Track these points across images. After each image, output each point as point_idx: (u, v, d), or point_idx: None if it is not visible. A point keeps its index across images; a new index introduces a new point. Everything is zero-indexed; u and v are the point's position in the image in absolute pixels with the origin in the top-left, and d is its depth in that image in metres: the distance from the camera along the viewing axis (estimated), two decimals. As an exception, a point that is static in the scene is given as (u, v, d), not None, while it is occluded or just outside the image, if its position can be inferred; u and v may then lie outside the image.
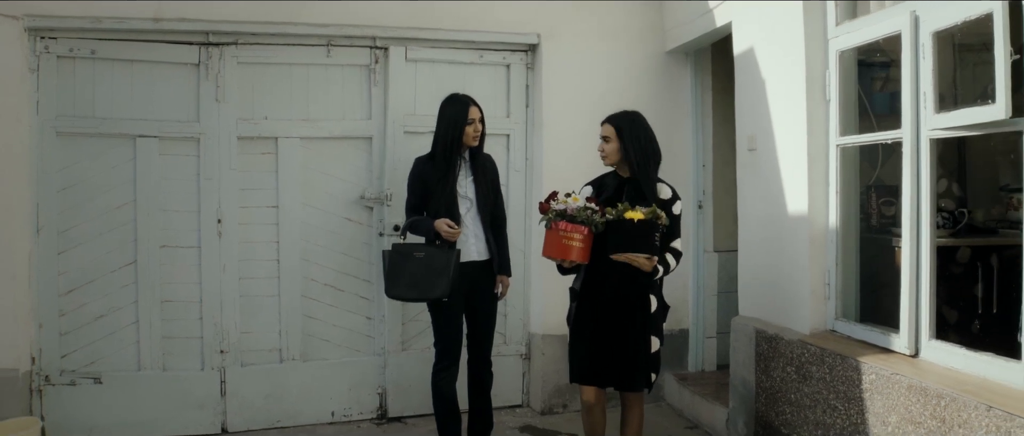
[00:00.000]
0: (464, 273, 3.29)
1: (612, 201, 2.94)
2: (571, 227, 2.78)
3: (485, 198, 3.37)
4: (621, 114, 3.06)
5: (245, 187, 3.97)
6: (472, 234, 3.36)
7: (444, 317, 3.34)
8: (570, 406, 4.29)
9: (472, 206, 3.36)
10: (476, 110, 3.32)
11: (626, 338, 2.94)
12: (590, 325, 3.00)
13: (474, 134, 3.31)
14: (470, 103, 3.32)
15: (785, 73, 3.28)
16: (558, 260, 2.90)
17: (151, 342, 3.87)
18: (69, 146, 3.77)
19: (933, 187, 2.64)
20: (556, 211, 2.84)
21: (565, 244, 2.80)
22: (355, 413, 4.13)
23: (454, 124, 3.26)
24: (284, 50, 3.99)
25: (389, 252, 3.36)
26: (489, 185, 3.41)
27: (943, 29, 2.52)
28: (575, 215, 2.80)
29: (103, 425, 3.80)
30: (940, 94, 2.64)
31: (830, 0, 3.10)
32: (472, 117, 3.30)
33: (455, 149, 3.27)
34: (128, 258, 3.85)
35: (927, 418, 2.41)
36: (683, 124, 4.48)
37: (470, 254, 3.34)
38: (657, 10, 4.42)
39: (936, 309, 2.66)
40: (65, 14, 3.66)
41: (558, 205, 2.85)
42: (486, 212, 3.37)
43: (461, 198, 3.33)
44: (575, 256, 2.82)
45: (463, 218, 3.31)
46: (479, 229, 3.37)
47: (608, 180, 3.10)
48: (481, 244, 3.38)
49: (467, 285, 3.33)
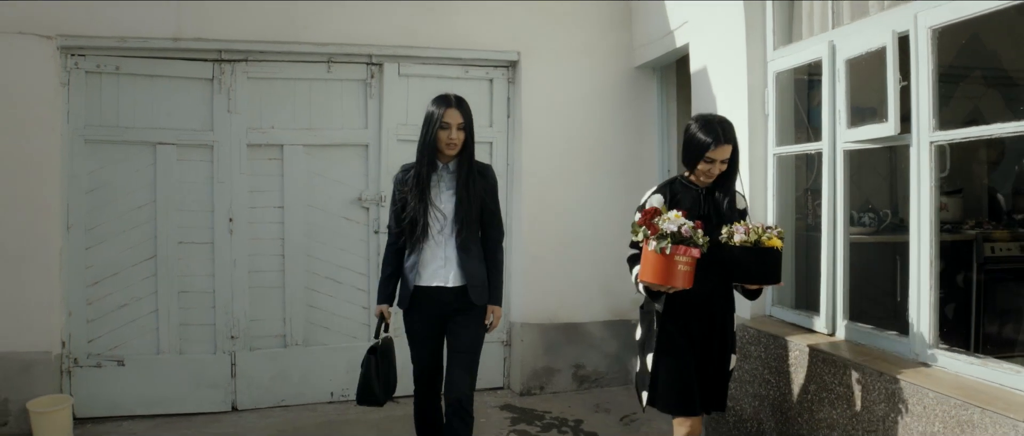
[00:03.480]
0: (430, 299, 2.90)
1: (693, 214, 2.64)
2: (684, 250, 2.42)
3: (465, 215, 2.87)
4: (732, 127, 2.72)
5: (254, 189, 4.40)
6: (442, 255, 2.89)
7: (411, 346, 3.02)
8: (546, 388, 4.74)
9: (447, 223, 2.89)
10: (455, 114, 2.84)
11: (724, 359, 2.77)
12: (684, 349, 2.69)
13: (447, 141, 2.84)
14: (450, 104, 2.85)
15: (732, 90, 3.72)
16: (664, 288, 2.51)
17: (169, 328, 4.29)
18: (96, 152, 4.19)
19: (847, 190, 3.09)
20: (669, 233, 2.42)
21: (675, 270, 2.43)
22: (351, 393, 4.49)
23: (426, 126, 2.87)
24: (289, 66, 4.42)
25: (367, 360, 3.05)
26: (474, 200, 2.91)
27: (853, 57, 2.98)
28: (690, 236, 2.43)
29: (126, 403, 4.22)
30: (873, 109, 3.07)
31: (768, 28, 3.56)
32: (448, 121, 2.83)
33: (430, 155, 2.87)
34: (148, 253, 4.27)
35: (836, 385, 2.85)
36: (650, 132, 4.93)
37: (434, 278, 2.89)
38: (626, 30, 4.87)
39: (849, 295, 3.11)
40: (93, 34, 4.08)
41: (668, 223, 2.44)
42: (465, 231, 2.89)
43: (435, 212, 2.88)
44: (682, 282, 2.46)
45: (433, 236, 2.88)
46: (453, 251, 2.89)
47: (679, 189, 2.79)
48: (451, 268, 2.89)
49: (437, 312, 2.93)
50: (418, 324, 2.95)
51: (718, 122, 2.69)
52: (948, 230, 3.95)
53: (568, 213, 4.76)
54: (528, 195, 4.70)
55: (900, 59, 2.69)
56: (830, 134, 3.12)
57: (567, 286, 4.75)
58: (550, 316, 4.73)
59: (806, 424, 3.00)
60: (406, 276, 2.94)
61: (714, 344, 2.74)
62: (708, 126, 2.68)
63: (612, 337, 4.84)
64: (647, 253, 2.47)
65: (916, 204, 2.64)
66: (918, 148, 2.61)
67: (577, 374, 4.81)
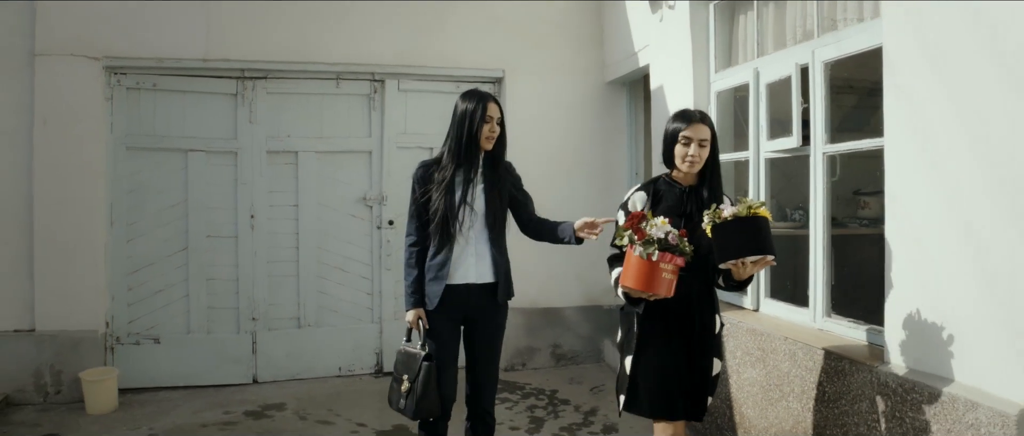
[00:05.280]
0: (458, 297, 2.82)
1: (678, 214, 2.63)
2: (670, 258, 2.37)
3: (496, 211, 2.86)
4: (708, 114, 2.69)
5: (272, 190, 5.03)
6: (473, 252, 2.84)
7: (433, 348, 2.84)
8: (528, 365, 5.39)
9: (478, 219, 2.84)
10: (496, 108, 2.83)
11: (698, 363, 2.64)
12: (663, 352, 2.62)
13: (490, 134, 2.81)
14: (489, 99, 2.83)
15: (683, 104, 4.35)
16: (645, 294, 2.43)
17: (198, 311, 4.92)
18: (135, 158, 4.82)
19: (769, 191, 3.74)
20: (657, 240, 2.37)
21: (660, 278, 2.36)
22: (357, 368, 5.21)
23: (469, 120, 2.78)
24: (303, 83, 5.07)
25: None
26: (504, 197, 2.91)
27: (772, 82, 3.62)
28: (677, 245, 2.38)
29: (161, 376, 4.86)
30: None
31: (711, 54, 4.20)
32: (491, 115, 2.80)
33: (467, 149, 2.79)
34: (180, 245, 4.90)
35: (755, 350, 3.50)
36: (620, 140, 5.58)
37: (467, 276, 2.83)
38: (599, 49, 5.53)
39: (771, 279, 3.75)
40: (134, 55, 4.72)
41: (655, 230, 2.39)
42: (495, 228, 2.86)
43: (466, 208, 2.80)
44: (665, 290, 2.39)
45: (464, 232, 2.82)
46: (484, 247, 2.85)
47: (663, 187, 2.72)
48: (484, 265, 2.85)
49: (461, 313, 2.86)
50: (443, 323, 2.84)
51: (693, 109, 2.72)
52: (866, 224, 4.59)
53: (547, 211, 5.29)
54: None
55: (805, 85, 3.34)
56: (755, 145, 3.77)
57: (546, 275, 5.39)
58: (531, 301, 5.37)
59: (735, 384, 3.64)
60: (436, 274, 2.81)
61: (694, 348, 2.64)
62: (681, 113, 2.68)
63: (586, 320, 5.49)
64: (631, 258, 2.40)
65: (814, 202, 3.28)
66: (815, 157, 3.26)
67: (554, 352, 5.47)
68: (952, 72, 2.41)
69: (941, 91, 2.46)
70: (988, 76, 2.27)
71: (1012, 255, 2.20)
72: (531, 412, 4.43)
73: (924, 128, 2.54)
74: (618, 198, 4.10)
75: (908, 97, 2.60)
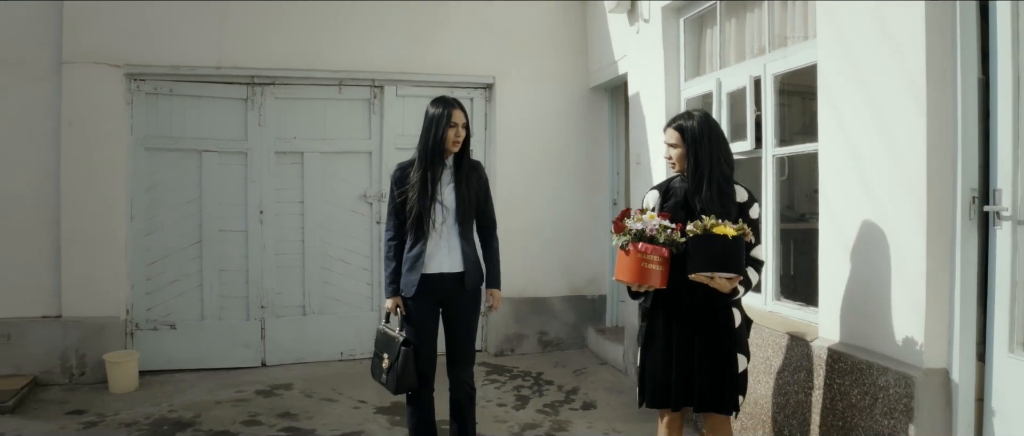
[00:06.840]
0: (433, 285, 3.12)
1: (681, 207, 2.70)
2: (651, 249, 2.48)
3: (465, 207, 3.14)
4: (685, 115, 2.77)
5: (279, 188, 5.43)
6: (445, 245, 3.13)
7: (411, 329, 3.15)
8: (516, 350, 5.80)
9: (449, 214, 3.13)
10: (460, 114, 3.12)
11: (711, 356, 2.66)
12: (664, 344, 2.71)
13: (454, 139, 3.09)
14: (455, 106, 3.12)
15: (655, 112, 4.77)
16: (634, 286, 2.60)
17: (211, 299, 5.32)
18: (153, 158, 5.21)
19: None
20: (633, 231, 2.52)
21: (644, 268, 2.49)
22: (358, 353, 5.62)
23: (435, 125, 3.08)
24: (308, 88, 5.46)
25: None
26: (472, 194, 3.18)
27: (732, 91, 4.03)
28: (655, 235, 2.50)
29: (177, 359, 5.25)
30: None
31: (681, 64, 4.60)
32: (455, 121, 3.09)
33: (434, 152, 3.09)
34: (195, 238, 5.30)
35: (716, 331, 3.90)
36: (603, 142, 5.99)
37: (441, 266, 3.12)
38: (583, 57, 5.94)
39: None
40: (153, 63, 5.11)
41: (634, 223, 2.54)
42: (465, 222, 3.16)
43: (438, 205, 3.10)
44: (654, 281, 2.51)
45: (437, 227, 3.11)
46: (455, 239, 3.14)
47: (676, 184, 2.81)
48: (454, 256, 3.14)
49: (437, 298, 3.16)
50: (421, 308, 3.13)
51: (680, 115, 2.81)
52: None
53: (535, 208, 5.81)
54: (502, 194, 5.73)
55: (758, 95, 3.75)
56: (719, 147, 4.17)
57: (534, 267, 5.80)
58: (520, 291, 5.77)
59: (698, 362, 4.05)
60: (412, 265, 3.11)
61: (696, 340, 2.67)
62: (670, 119, 2.84)
63: (570, 309, 5.91)
64: (619, 253, 2.57)
65: (766, 199, 3.70)
66: (765, 159, 3.68)
67: (541, 339, 5.88)
68: (870, 87, 2.83)
69: (862, 103, 2.88)
70: (898, 90, 2.69)
71: (915, 244, 2.62)
72: (517, 391, 4.84)
73: (848, 135, 2.96)
74: (602, 196, 4.46)
75: (835, 107, 3.02)
